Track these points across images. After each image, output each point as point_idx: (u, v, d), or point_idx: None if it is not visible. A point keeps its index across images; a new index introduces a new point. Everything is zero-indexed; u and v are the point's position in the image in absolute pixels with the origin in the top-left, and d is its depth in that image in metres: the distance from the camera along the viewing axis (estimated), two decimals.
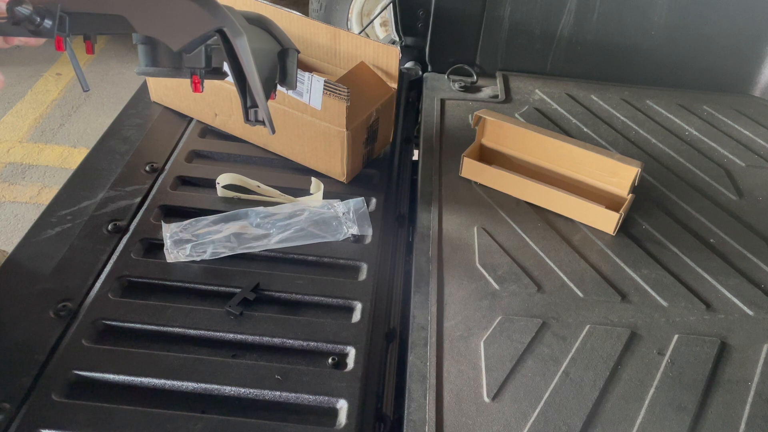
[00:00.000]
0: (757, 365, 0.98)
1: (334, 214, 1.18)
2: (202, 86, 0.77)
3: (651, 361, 0.98)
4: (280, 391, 0.89)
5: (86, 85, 0.74)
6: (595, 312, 1.05)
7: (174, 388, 0.89)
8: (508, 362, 0.95)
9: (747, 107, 1.66)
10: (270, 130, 0.83)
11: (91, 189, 1.23)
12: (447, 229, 1.20)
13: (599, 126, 1.54)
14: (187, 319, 0.98)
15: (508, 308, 1.04)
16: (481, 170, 1.30)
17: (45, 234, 1.11)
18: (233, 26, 0.72)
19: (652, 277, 1.13)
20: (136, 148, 1.35)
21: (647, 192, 1.33)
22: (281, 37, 0.89)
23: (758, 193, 1.36)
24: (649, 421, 0.89)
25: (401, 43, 1.79)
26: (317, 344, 0.97)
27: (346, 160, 1.25)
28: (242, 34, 0.73)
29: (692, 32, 1.66)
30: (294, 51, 0.90)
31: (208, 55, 0.76)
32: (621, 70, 1.73)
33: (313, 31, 1.36)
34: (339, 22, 3.19)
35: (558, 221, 1.24)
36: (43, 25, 0.65)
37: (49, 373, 0.88)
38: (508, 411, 0.88)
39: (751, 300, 1.10)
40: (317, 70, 1.42)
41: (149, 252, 1.12)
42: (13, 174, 2.83)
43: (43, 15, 0.65)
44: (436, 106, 1.57)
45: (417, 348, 0.97)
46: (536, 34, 1.68)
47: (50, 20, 0.65)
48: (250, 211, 1.16)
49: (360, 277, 1.10)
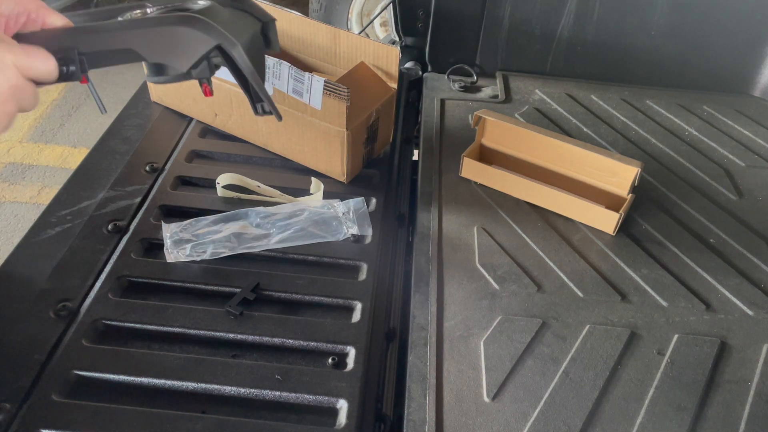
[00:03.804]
0: (757, 365, 0.98)
1: (334, 214, 1.18)
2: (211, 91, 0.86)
3: (651, 361, 0.98)
4: (280, 391, 0.89)
5: (104, 109, 0.82)
6: (595, 312, 1.05)
7: (174, 388, 0.89)
8: (508, 362, 0.95)
9: (747, 107, 1.66)
10: (277, 117, 0.91)
11: (91, 189, 1.23)
12: (447, 229, 1.20)
13: (599, 126, 1.54)
14: (187, 319, 0.98)
15: (508, 308, 1.04)
16: (481, 170, 1.30)
17: (45, 234, 1.11)
18: (227, 40, 0.80)
19: (652, 277, 1.13)
20: (136, 148, 1.35)
21: (647, 192, 1.33)
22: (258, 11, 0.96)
23: (758, 193, 1.36)
24: (649, 421, 0.89)
25: (401, 43, 1.79)
26: (317, 344, 0.97)
27: (346, 160, 1.25)
28: (236, 44, 0.80)
29: (692, 32, 1.66)
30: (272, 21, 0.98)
31: (211, 65, 0.83)
32: (621, 70, 1.73)
33: (313, 31, 1.36)
34: (339, 22, 3.19)
35: (558, 221, 1.24)
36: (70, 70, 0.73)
37: (49, 373, 0.88)
38: (508, 411, 0.88)
39: (751, 300, 1.10)
40: (317, 70, 1.42)
41: (149, 252, 1.12)
42: (13, 174, 2.83)
43: (67, 63, 0.72)
44: (436, 106, 1.57)
45: (417, 348, 0.97)
46: (536, 34, 1.68)
47: (73, 66, 0.73)
48: (250, 211, 1.16)
49: (360, 277, 1.10)
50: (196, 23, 0.78)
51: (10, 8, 0.71)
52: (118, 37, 0.77)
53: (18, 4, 0.72)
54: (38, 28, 0.75)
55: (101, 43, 0.76)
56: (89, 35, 0.76)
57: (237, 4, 0.94)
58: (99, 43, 0.76)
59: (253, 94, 0.89)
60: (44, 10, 0.75)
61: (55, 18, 0.76)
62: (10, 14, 0.71)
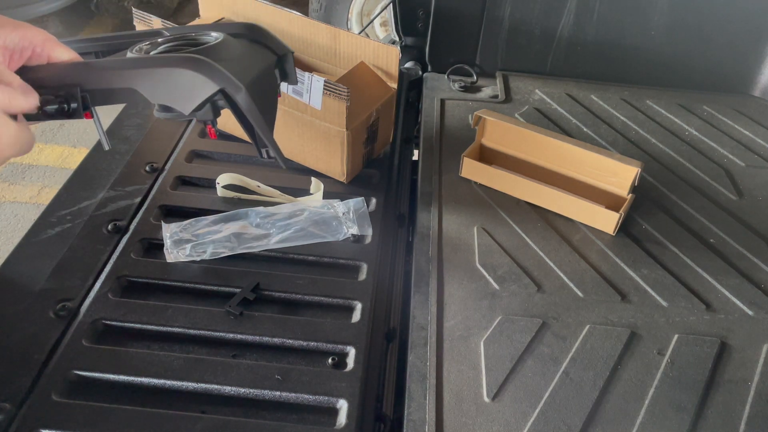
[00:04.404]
0: (757, 365, 0.98)
1: (334, 214, 1.18)
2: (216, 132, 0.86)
3: (651, 361, 0.98)
4: (280, 391, 0.89)
5: (108, 144, 0.81)
6: (595, 312, 1.05)
7: (174, 388, 0.89)
8: (508, 362, 0.95)
9: (747, 107, 1.66)
10: (281, 165, 0.90)
11: (91, 189, 1.23)
12: (447, 229, 1.20)
13: (599, 126, 1.54)
14: (187, 319, 0.98)
15: (508, 308, 1.04)
16: (481, 170, 1.30)
17: (45, 234, 1.11)
18: (232, 84, 0.77)
19: (652, 277, 1.13)
20: (136, 148, 1.35)
21: (647, 192, 1.33)
22: (274, 43, 0.93)
23: (758, 193, 1.36)
24: (649, 421, 0.89)
25: (401, 43, 1.79)
26: (317, 344, 0.97)
27: (346, 160, 1.25)
28: (241, 89, 0.78)
29: (692, 32, 1.66)
30: (289, 54, 0.96)
31: (215, 108, 0.81)
32: (621, 70, 1.73)
33: (313, 31, 1.36)
34: (339, 22, 3.19)
35: (558, 221, 1.24)
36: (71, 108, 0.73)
37: (49, 373, 0.88)
38: (508, 411, 0.88)
39: (751, 300, 1.10)
40: (317, 70, 1.42)
41: (149, 252, 1.12)
42: (13, 174, 2.83)
43: (69, 101, 0.72)
44: (436, 106, 1.57)
45: (417, 348, 0.97)
46: (536, 34, 1.68)
47: (75, 103, 0.73)
48: (250, 211, 1.16)
49: (360, 277, 1.10)
50: (200, 66, 0.76)
51: (15, 42, 0.70)
52: (120, 75, 0.76)
53: (24, 38, 0.71)
54: (44, 61, 0.74)
55: (104, 81, 0.75)
56: (92, 72, 0.75)
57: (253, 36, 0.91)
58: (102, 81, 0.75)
59: (258, 138, 0.87)
60: (51, 44, 0.74)
61: (61, 51, 0.75)
62: (15, 47, 0.71)
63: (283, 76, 0.97)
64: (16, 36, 0.70)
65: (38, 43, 0.73)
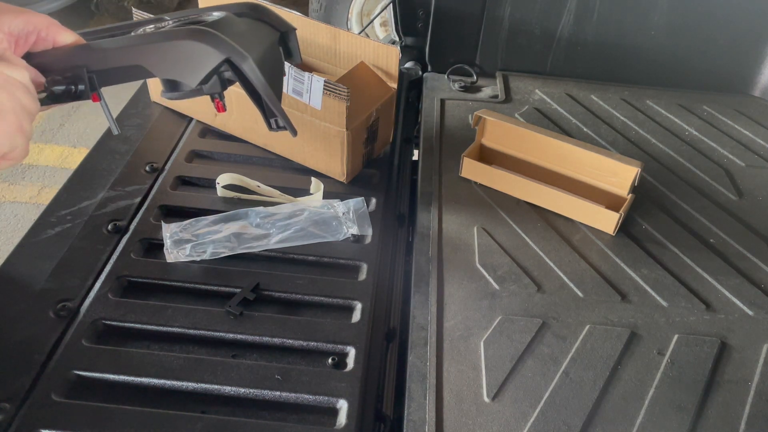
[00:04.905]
0: (757, 365, 0.98)
1: (334, 214, 1.18)
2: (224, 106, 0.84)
3: (651, 361, 0.98)
4: (280, 391, 0.89)
5: (117, 129, 0.81)
6: (595, 312, 1.05)
7: (174, 388, 0.89)
8: (508, 362, 0.95)
9: (747, 107, 1.66)
10: (292, 133, 0.88)
11: (91, 189, 1.23)
12: (447, 229, 1.20)
13: (599, 126, 1.54)
14: (187, 319, 0.98)
15: (508, 308, 1.04)
16: (481, 170, 1.30)
17: (45, 234, 1.11)
18: (237, 53, 0.77)
19: (652, 277, 1.13)
20: (136, 148, 1.35)
21: (647, 192, 1.33)
22: (276, 21, 0.93)
23: (758, 193, 1.36)
24: (649, 421, 0.89)
25: (401, 43, 1.79)
26: (317, 344, 0.97)
27: (346, 160, 1.25)
28: (247, 58, 0.78)
29: (692, 32, 1.66)
30: (292, 31, 0.95)
31: (223, 80, 0.81)
32: (621, 70, 1.73)
33: (313, 31, 1.36)
34: (339, 22, 3.19)
35: (558, 221, 1.24)
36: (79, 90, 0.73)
37: (49, 373, 0.88)
38: (508, 411, 0.88)
39: (751, 300, 1.10)
40: (317, 70, 1.42)
41: (149, 252, 1.12)
42: (13, 174, 2.83)
43: (76, 82, 0.72)
44: (436, 106, 1.57)
45: (417, 348, 0.97)
46: (536, 34, 1.68)
47: (82, 84, 0.73)
48: (250, 211, 1.16)
49: (360, 277, 1.10)
50: (204, 36, 0.76)
51: (20, 27, 0.70)
52: (126, 53, 0.76)
53: (28, 23, 0.71)
54: (49, 46, 0.74)
55: (110, 60, 0.75)
56: (98, 52, 0.75)
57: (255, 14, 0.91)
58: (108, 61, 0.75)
59: (266, 109, 0.86)
60: (55, 28, 0.74)
61: (66, 36, 0.75)
62: (20, 33, 0.71)
63: (287, 54, 0.96)
64: (20, 21, 0.70)
65: (42, 28, 0.73)
